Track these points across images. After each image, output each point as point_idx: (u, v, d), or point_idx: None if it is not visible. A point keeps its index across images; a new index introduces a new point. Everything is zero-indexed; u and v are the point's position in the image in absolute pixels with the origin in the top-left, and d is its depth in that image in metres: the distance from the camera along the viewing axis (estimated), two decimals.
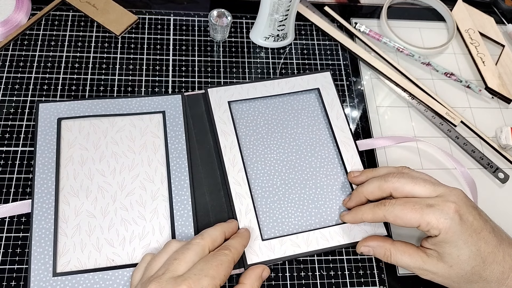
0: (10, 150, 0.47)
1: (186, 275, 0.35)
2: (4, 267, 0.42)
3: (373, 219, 0.42)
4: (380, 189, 0.42)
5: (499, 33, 0.62)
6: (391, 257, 0.42)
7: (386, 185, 0.42)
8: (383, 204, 0.41)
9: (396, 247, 0.42)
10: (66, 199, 0.44)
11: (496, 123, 0.56)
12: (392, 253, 0.42)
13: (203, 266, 0.36)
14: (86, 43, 0.55)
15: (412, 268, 0.41)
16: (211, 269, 0.36)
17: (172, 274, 0.35)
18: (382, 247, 0.42)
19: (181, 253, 0.37)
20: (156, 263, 0.38)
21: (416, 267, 0.41)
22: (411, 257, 0.41)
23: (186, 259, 0.36)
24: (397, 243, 0.42)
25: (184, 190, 0.46)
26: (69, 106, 0.49)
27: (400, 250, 0.42)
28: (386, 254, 0.42)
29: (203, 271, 0.35)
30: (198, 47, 0.56)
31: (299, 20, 0.60)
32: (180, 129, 0.49)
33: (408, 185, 0.41)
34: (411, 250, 0.41)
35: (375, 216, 0.41)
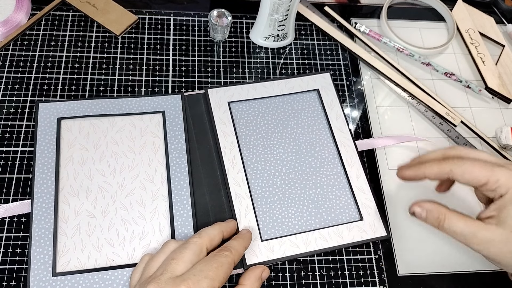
0: (10, 150, 0.47)
1: (185, 276, 0.35)
2: (4, 267, 0.42)
3: (438, 173, 0.40)
4: (445, 155, 0.41)
5: (499, 33, 0.62)
6: (445, 221, 0.39)
7: (452, 152, 0.41)
8: (451, 159, 0.39)
9: (452, 213, 0.40)
10: (66, 199, 0.44)
11: (496, 123, 0.56)
12: (447, 216, 0.39)
13: (203, 267, 0.36)
14: (86, 43, 0.55)
15: (465, 235, 0.39)
16: (211, 271, 0.35)
17: (170, 274, 0.35)
18: (437, 210, 0.40)
19: (178, 252, 0.37)
20: (154, 263, 0.38)
21: (470, 233, 0.38)
22: (467, 223, 0.39)
23: (184, 258, 0.36)
24: (453, 211, 0.40)
25: (183, 190, 0.46)
26: (69, 106, 0.49)
27: (456, 217, 0.39)
28: (440, 218, 0.40)
29: (203, 272, 0.35)
30: (198, 47, 0.56)
31: (299, 20, 0.60)
32: (180, 129, 0.49)
33: (473, 153, 0.40)
34: (467, 218, 0.39)
35: (441, 170, 0.40)
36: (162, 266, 0.37)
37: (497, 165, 0.38)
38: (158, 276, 0.35)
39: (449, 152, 0.41)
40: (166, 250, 0.39)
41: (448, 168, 0.39)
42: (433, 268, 0.46)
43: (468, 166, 0.39)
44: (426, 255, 0.46)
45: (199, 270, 0.35)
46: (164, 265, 0.36)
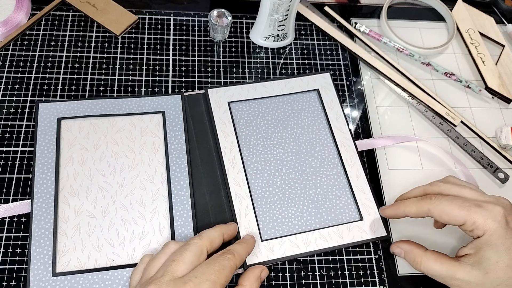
0: (10, 150, 0.47)
1: (186, 278, 0.35)
2: (4, 267, 0.42)
3: (417, 213, 0.41)
4: (426, 193, 0.42)
5: (499, 33, 0.62)
6: (421, 264, 0.41)
7: (431, 189, 0.41)
8: (429, 197, 0.40)
9: (428, 255, 0.41)
10: (66, 199, 0.44)
11: (496, 123, 0.56)
12: (422, 260, 0.41)
13: (205, 269, 0.36)
14: (86, 43, 0.55)
15: (443, 277, 0.40)
16: (213, 274, 0.35)
17: (171, 276, 0.35)
18: (414, 252, 0.42)
19: (179, 254, 0.37)
20: (155, 264, 0.38)
21: (447, 276, 0.40)
22: (443, 265, 0.40)
23: (184, 260, 0.36)
24: (430, 251, 0.42)
25: (183, 190, 0.46)
26: (69, 106, 0.49)
27: (432, 258, 0.41)
28: (416, 260, 0.42)
29: (204, 274, 0.35)
30: (198, 47, 0.56)
31: (299, 20, 0.60)
32: (180, 129, 0.49)
33: (454, 189, 0.40)
34: (444, 259, 0.40)
35: (419, 209, 0.40)
36: (162, 267, 0.37)
37: (475, 205, 0.38)
38: (159, 278, 0.35)
39: (429, 188, 0.42)
40: (166, 251, 0.39)
41: (426, 207, 0.40)
42: None
43: (445, 206, 0.39)
44: None
45: (200, 273, 0.35)
46: (165, 266, 0.36)
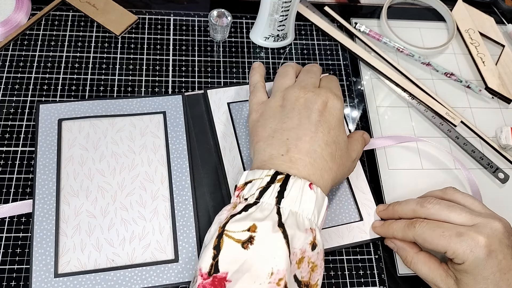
0: (10, 150, 0.47)
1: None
2: (4, 267, 0.42)
3: (403, 238, 0.42)
4: (414, 213, 0.42)
5: (499, 33, 0.62)
6: (411, 264, 0.42)
7: (421, 211, 0.42)
8: (414, 226, 0.41)
9: (419, 256, 0.42)
10: (66, 199, 0.44)
11: (496, 123, 0.56)
12: (413, 260, 0.42)
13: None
14: (86, 43, 0.55)
15: (428, 281, 0.41)
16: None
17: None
18: (407, 251, 0.43)
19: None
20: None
21: (431, 281, 0.41)
22: (431, 270, 0.41)
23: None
24: (422, 253, 0.42)
25: (185, 190, 0.46)
26: (70, 107, 0.49)
27: (422, 260, 0.42)
28: (407, 259, 0.43)
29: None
30: (198, 47, 0.56)
31: (299, 20, 0.60)
32: (181, 130, 0.49)
33: (443, 212, 0.41)
34: (433, 264, 0.41)
35: (405, 236, 0.42)
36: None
37: (456, 235, 0.38)
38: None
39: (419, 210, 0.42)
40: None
41: (411, 235, 0.41)
42: None
43: (427, 235, 0.40)
44: None
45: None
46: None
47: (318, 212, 0.37)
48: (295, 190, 0.36)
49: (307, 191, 0.37)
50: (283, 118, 0.41)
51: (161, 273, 0.42)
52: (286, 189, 0.36)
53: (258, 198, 0.36)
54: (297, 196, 0.36)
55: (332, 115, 0.41)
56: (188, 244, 0.43)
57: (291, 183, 0.37)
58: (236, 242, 0.34)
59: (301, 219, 0.36)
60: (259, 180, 0.37)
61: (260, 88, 0.46)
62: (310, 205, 0.36)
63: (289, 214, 0.35)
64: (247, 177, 0.38)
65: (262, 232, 0.34)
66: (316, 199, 0.37)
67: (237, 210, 0.36)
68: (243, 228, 0.34)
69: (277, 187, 0.36)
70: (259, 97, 0.45)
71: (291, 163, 0.39)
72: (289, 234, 0.34)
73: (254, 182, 0.38)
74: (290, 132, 0.40)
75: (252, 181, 0.38)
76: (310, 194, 0.37)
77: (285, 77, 0.45)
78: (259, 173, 0.38)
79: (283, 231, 0.34)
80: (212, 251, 0.34)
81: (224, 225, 0.35)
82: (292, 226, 0.35)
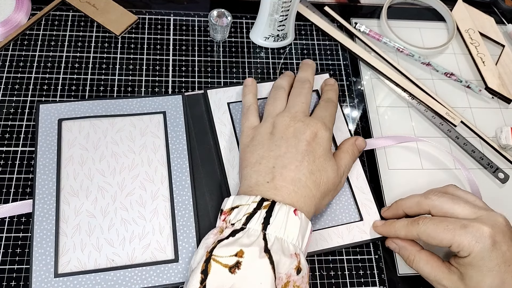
0: (10, 150, 0.47)
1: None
2: (4, 267, 0.42)
3: (406, 236, 0.42)
4: (419, 205, 0.43)
5: (499, 33, 0.62)
6: (413, 263, 0.42)
7: (425, 202, 0.42)
8: (417, 222, 0.41)
9: (421, 255, 0.42)
10: (66, 199, 0.44)
11: (496, 123, 0.56)
12: (415, 259, 0.42)
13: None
14: (86, 43, 0.55)
15: (431, 279, 0.41)
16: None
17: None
18: (408, 250, 0.43)
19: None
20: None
21: (435, 280, 0.41)
22: (433, 269, 0.41)
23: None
24: (424, 251, 0.42)
25: (185, 190, 0.46)
26: (70, 107, 0.49)
27: (424, 259, 0.42)
28: (409, 258, 0.43)
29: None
30: (198, 47, 0.56)
31: (299, 20, 0.60)
32: (181, 130, 0.49)
33: (448, 204, 0.41)
34: (435, 262, 0.41)
35: (408, 234, 0.42)
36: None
37: (460, 227, 0.38)
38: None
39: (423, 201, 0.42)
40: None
41: (415, 232, 0.41)
42: None
43: (431, 231, 0.40)
44: None
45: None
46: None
47: (302, 237, 0.38)
48: (280, 216, 0.37)
49: (291, 217, 0.38)
50: (271, 146, 0.42)
51: (161, 273, 0.42)
52: (272, 215, 0.37)
53: (245, 224, 0.37)
54: (282, 222, 0.37)
55: (319, 145, 0.42)
56: (188, 244, 0.43)
57: (276, 209, 0.38)
58: (224, 266, 0.35)
59: (286, 245, 0.37)
60: (245, 206, 0.38)
61: (253, 111, 0.47)
62: (294, 231, 0.37)
63: (274, 240, 0.36)
64: (233, 202, 0.39)
65: (249, 258, 0.35)
66: (301, 225, 0.38)
67: (225, 235, 0.37)
68: (230, 253, 0.35)
69: (263, 213, 0.37)
70: (251, 121, 0.46)
71: (275, 190, 0.40)
72: (275, 260, 0.35)
73: (240, 208, 0.38)
74: (276, 160, 0.41)
75: (238, 206, 0.39)
76: (295, 220, 0.38)
77: (276, 102, 0.47)
78: (245, 199, 0.39)
79: (269, 257, 0.35)
80: (200, 276, 0.35)
81: (212, 250, 0.36)
82: (278, 251, 0.36)
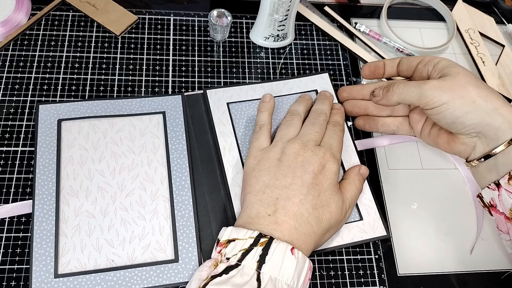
0: (10, 150, 0.47)
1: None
2: (4, 267, 0.42)
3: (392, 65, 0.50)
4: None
5: (499, 33, 0.62)
6: (395, 87, 0.45)
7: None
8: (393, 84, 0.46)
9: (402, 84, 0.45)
10: (66, 199, 0.44)
11: None
12: (397, 85, 0.45)
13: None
14: (86, 43, 0.55)
15: (414, 95, 0.44)
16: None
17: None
18: (390, 83, 0.47)
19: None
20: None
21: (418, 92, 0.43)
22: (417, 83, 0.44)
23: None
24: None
25: (185, 190, 0.46)
26: (69, 107, 0.49)
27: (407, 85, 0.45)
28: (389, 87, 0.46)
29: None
30: (198, 47, 0.56)
31: (299, 20, 0.60)
32: (180, 130, 0.49)
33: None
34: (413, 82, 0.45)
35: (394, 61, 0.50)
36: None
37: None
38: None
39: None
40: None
41: (398, 58, 0.49)
42: (433, 268, 0.46)
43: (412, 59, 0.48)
44: (426, 255, 0.46)
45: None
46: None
47: (298, 276, 0.37)
48: (276, 255, 0.37)
49: (288, 256, 0.37)
50: (277, 174, 0.41)
51: (161, 273, 0.42)
52: (268, 254, 0.37)
53: (240, 260, 0.37)
54: (278, 261, 0.37)
55: (326, 178, 0.42)
56: (188, 244, 0.43)
57: (273, 248, 0.37)
58: None
59: (280, 285, 0.36)
60: (242, 241, 0.38)
61: (264, 132, 0.46)
62: (290, 270, 0.37)
63: (268, 280, 0.36)
64: (230, 235, 0.39)
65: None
66: (297, 264, 0.37)
67: (218, 271, 0.36)
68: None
69: (259, 251, 0.37)
70: (262, 142, 0.45)
71: (276, 225, 0.39)
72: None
73: (237, 242, 0.38)
74: (281, 191, 0.40)
75: (235, 240, 0.38)
76: (291, 259, 0.37)
77: (290, 128, 0.46)
78: (243, 233, 0.38)
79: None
80: None
81: (204, 287, 0.35)
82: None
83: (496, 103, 0.41)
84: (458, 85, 0.42)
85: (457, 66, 0.44)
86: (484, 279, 0.46)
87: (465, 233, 0.48)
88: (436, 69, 0.45)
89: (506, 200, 0.41)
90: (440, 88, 0.42)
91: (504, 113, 0.41)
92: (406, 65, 0.48)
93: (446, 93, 0.42)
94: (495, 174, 0.42)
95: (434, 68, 0.45)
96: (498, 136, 0.41)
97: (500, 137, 0.41)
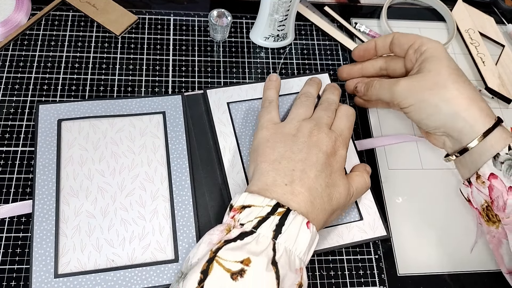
0: (10, 150, 0.47)
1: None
2: (4, 267, 0.42)
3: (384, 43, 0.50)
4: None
5: (499, 33, 0.62)
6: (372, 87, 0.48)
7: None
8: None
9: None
10: (66, 199, 0.44)
11: None
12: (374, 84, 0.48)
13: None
14: (86, 43, 0.55)
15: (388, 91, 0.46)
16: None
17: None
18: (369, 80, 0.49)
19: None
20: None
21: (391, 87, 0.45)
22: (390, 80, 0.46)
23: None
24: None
25: (185, 190, 0.46)
26: (69, 107, 0.49)
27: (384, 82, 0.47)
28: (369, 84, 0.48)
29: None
30: (198, 47, 0.56)
31: (299, 20, 0.60)
32: (180, 130, 0.49)
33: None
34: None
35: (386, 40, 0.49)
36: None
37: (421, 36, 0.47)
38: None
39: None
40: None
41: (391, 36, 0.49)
42: (433, 268, 0.46)
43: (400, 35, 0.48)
44: (426, 255, 0.47)
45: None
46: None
47: (308, 250, 0.37)
48: (293, 226, 0.36)
49: (304, 229, 0.37)
50: (293, 147, 0.41)
51: (161, 273, 0.42)
52: (285, 224, 0.36)
53: (256, 228, 0.36)
54: (294, 233, 0.36)
55: (336, 161, 0.42)
56: (188, 244, 0.43)
57: (290, 219, 0.36)
58: (226, 271, 0.34)
59: (293, 258, 0.36)
60: (258, 208, 0.37)
61: (274, 107, 0.47)
62: (304, 243, 0.36)
63: (283, 251, 0.35)
64: (245, 200, 0.38)
65: (256, 268, 0.34)
66: (311, 238, 0.37)
67: (232, 236, 0.36)
68: (236, 259, 0.34)
69: (276, 220, 0.36)
70: (273, 115, 0.45)
71: (292, 196, 0.39)
72: (281, 275, 0.34)
73: (252, 209, 0.37)
74: (297, 164, 0.40)
75: (251, 206, 0.37)
76: (307, 233, 0.37)
77: (304, 108, 0.46)
78: (259, 200, 0.37)
79: (276, 271, 0.34)
80: (199, 275, 0.34)
81: (217, 250, 0.35)
82: (285, 266, 0.35)
83: (459, 107, 0.42)
84: (425, 87, 0.43)
85: (433, 61, 0.44)
86: (483, 279, 0.46)
87: (465, 233, 0.48)
88: (419, 60, 0.45)
89: (477, 197, 0.43)
90: (409, 91, 0.44)
91: (466, 116, 0.41)
92: (398, 47, 0.48)
93: (413, 96, 0.43)
94: (467, 172, 0.43)
95: (419, 57, 0.45)
96: (461, 138, 0.42)
97: (463, 139, 0.42)
